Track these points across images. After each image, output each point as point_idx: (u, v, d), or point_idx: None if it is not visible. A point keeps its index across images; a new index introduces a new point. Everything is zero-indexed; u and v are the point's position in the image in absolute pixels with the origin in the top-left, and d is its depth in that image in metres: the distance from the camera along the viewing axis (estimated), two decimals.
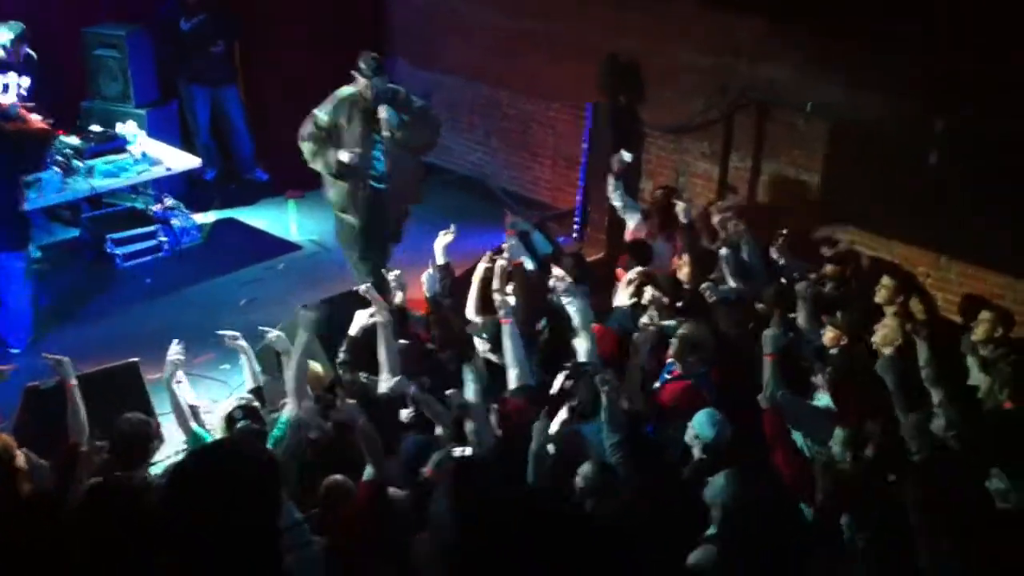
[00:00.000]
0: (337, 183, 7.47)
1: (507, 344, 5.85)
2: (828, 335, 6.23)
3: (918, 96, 7.25)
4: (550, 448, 5.11)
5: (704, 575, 4.36)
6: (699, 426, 5.18)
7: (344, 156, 7.20)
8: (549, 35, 9.65)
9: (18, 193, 7.40)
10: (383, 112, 7.24)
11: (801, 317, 6.47)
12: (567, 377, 5.47)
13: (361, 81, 7.24)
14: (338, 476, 4.84)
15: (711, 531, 4.51)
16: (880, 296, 6.83)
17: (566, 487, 4.87)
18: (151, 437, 5.30)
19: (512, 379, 5.80)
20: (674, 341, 5.93)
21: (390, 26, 11.16)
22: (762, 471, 5.08)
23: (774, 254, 7.44)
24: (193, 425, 5.64)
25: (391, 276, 6.86)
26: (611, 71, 9.18)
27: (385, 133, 7.29)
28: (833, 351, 6.11)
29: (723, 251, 7.15)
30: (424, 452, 5.15)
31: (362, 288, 6.55)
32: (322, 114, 7.31)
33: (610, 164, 8.11)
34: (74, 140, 8.66)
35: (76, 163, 8.40)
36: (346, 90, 7.35)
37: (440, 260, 6.98)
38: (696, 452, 5.19)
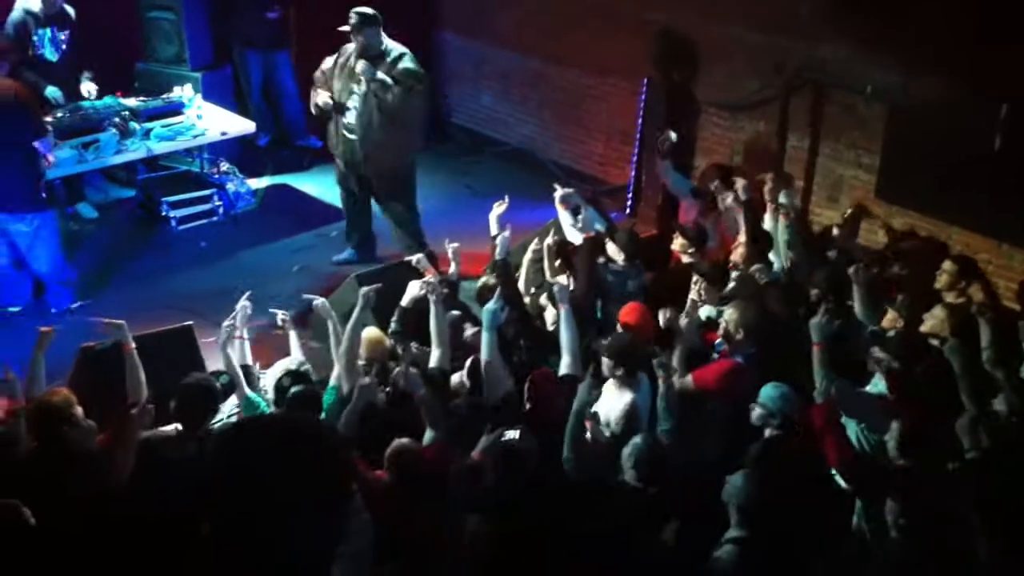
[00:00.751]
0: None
1: (564, 330, 5.81)
2: (886, 319, 6.14)
3: (980, 80, 7.10)
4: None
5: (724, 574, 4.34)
6: (770, 400, 5.13)
7: (320, 98, 7.90)
8: (603, 7, 9.55)
9: (36, 156, 7.30)
10: (360, 65, 7.67)
11: (857, 302, 6.37)
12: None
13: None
14: (405, 440, 4.83)
15: (732, 532, 4.48)
16: (941, 282, 6.69)
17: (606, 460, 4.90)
18: (216, 398, 5.33)
19: (564, 366, 5.76)
20: (723, 322, 5.90)
21: None
22: (795, 461, 5.04)
23: (835, 235, 7.34)
24: (247, 390, 5.66)
25: (449, 248, 6.88)
26: (666, 46, 9.08)
27: (360, 86, 7.71)
28: (890, 335, 6.01)
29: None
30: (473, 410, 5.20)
31: (414, 259, 6.57)
32: (325, 62, 8.04)
33: (657, 145, 8.05)
34: (131, 102, 8.72)
35: (133, 125, 8.45)
36: (347, 45, 7.91)
37: (495, 231, 6.98)
38: (770, 429, 5.15)
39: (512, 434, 4.92)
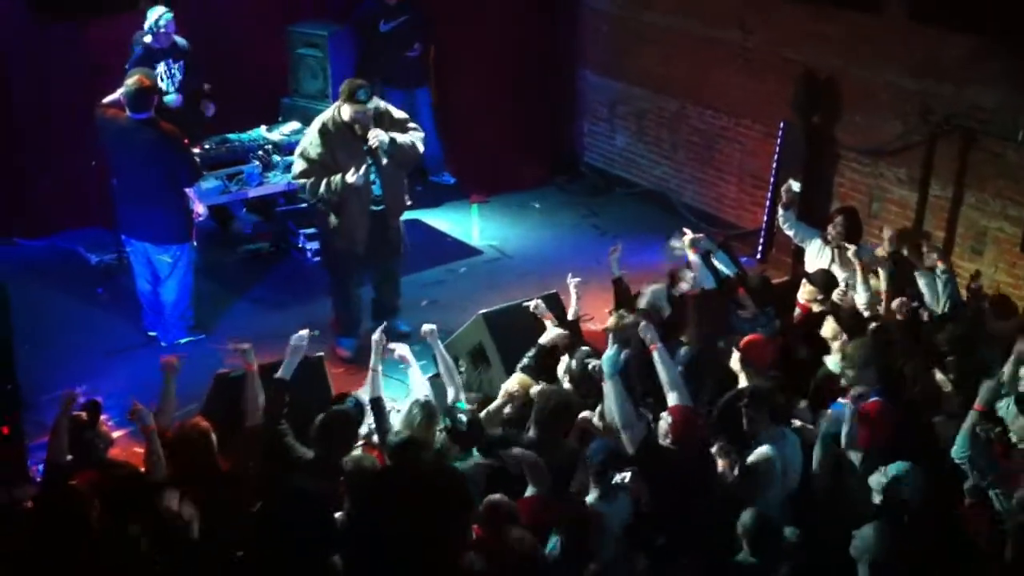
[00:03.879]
0: (332, 214, 7.46)
1: (660, 368, 5.67)
2: None
3: None
4: None
5: None
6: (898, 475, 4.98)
7: (351, 177, 7.14)
8: (742, 48, 9.46)
9: (183, 193, 7.53)
10: (375, 139, 7.22)
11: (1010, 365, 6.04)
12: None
13: (348, 108, 7.21)
14: (498, 496, 4.84)
15: None
16: None
17: None
18: (356, 432, 5.43)
19: (672, 401, 5.65)
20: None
21: (578, 35, 11.15)
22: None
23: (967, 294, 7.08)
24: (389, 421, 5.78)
25: (571, 284, 6.82)
26: (807, 89, 8.92)
27: (383, 160, 7.33)
28: None
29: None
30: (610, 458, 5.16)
31: (532, 304, 6.57)
32: (312, 147, 7.32)
33: (780, 194, 7.88)
34: (275, 135, 9.00)
35: (275, 158, 8.73)
36: (326, 118, 7.36)
37: (616, 272, 7.00)
38: (877, 498, 4.99)
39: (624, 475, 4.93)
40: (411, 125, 7.61)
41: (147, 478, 5.10)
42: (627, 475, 5.00)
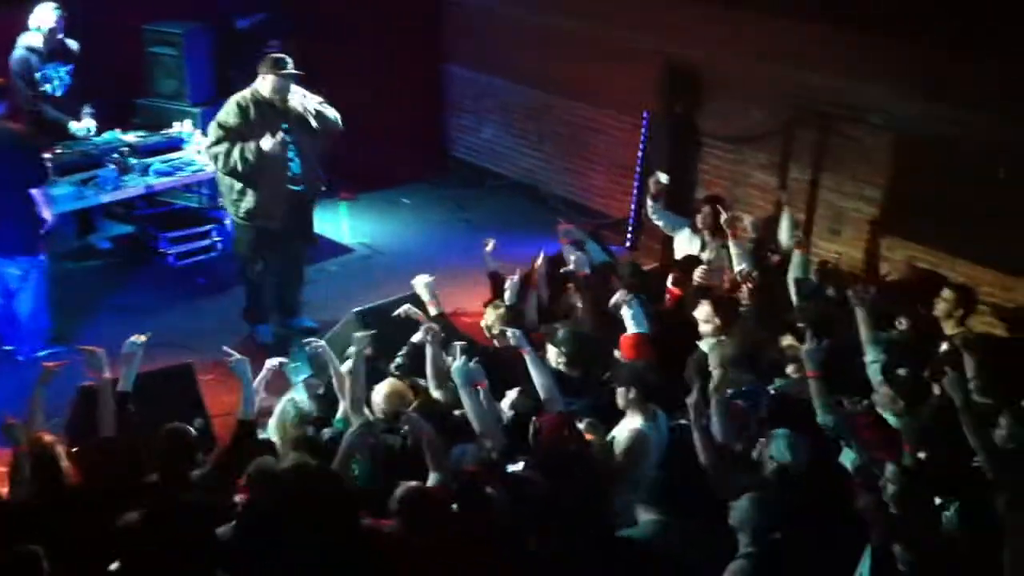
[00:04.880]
0: (248, 191, 7.36)
1: (533, 371, 5.56)
2: None
3: (986, 109, 7.08)
4: None
5: None
6: (777, 450, 5.07)
7: (266, 143, 7.10)
8: (604, 40, 9.56)
9: (31, 200, 7.21)
10: (303, 100, 7.29)
11: (860, 325, 6.27)
12: None
13: (270, 80, 7.22)
14: (411, 483, 4.74)
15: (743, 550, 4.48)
16: (938, 309, 6.65)
17: None
18: (192, 446, 5.19)
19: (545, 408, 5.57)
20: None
21: (442, 29, 11.13)
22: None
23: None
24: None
25: (421, 282, 6.67)
26: (668, 79, 9.07)
27: (302, 134, 7.32)
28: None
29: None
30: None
31: (402, 310, 6.48)
32: (229, 117, 7.24)
33: (647, 185, 8.02)
34: (131, 137, 8.70)
35: (132, 161, 8.44)
36: (244, 92, 7.34)
37: (491, 266, 7.01)
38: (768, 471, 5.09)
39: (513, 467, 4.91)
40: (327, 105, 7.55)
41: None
42: (520, 465, 5.00)
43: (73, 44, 8.54)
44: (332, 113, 7.49)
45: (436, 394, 5.82)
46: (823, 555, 4.62)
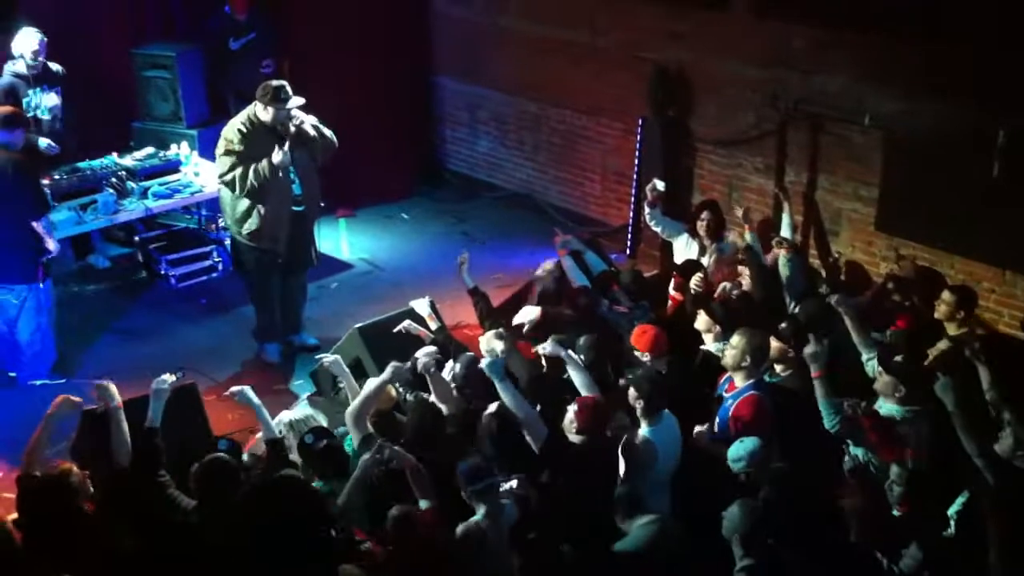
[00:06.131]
0: (253, 212, 7.39)
1: (573, 372, 5.77)
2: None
3: (979, 106, 7.10)
4: None
5: None
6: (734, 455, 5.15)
7: (276, 156, 7.14)
8: (595, 47, 9.60)
9: (35, 232, 7.22)
10: (302, 119, 7.29)
11: (851, 331, 6.31)
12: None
13: (271, 112, 7.23)
14: (402, 507, 4.78)
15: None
16: (940, 312, 6.66)
17: None
18: (236, 471, 5.24)
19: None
20: (728, 352, 5.84)
21: (433, 43, 11.16)
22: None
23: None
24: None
25: (421, 303, 6.76)
26: (660, 85, 9.10)
27: (301, 153, 7.34)
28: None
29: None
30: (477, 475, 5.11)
31: (402, 326, 6.52)
32: (234, 144, 7.26)
33: (644, 191, 8.05)
34: (128, 161, 8.73)
35: (130, 184, 8.47)
36: (242, 119, 7.34)
37: (469, 285, 6.98)
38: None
39: (508, 485, 4.94)
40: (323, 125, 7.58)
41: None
42: (513, 482, 5.00)
43: (57, 67, 8.55)
44: (328, 133, 7.51)
45: (443, 407, 5.86)
46: (819, 562, 4.64)
